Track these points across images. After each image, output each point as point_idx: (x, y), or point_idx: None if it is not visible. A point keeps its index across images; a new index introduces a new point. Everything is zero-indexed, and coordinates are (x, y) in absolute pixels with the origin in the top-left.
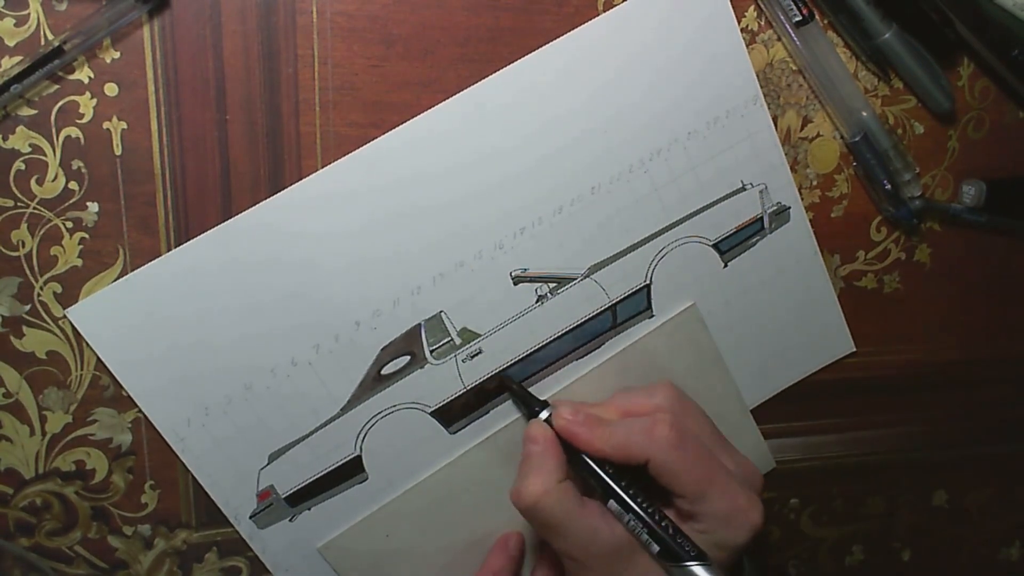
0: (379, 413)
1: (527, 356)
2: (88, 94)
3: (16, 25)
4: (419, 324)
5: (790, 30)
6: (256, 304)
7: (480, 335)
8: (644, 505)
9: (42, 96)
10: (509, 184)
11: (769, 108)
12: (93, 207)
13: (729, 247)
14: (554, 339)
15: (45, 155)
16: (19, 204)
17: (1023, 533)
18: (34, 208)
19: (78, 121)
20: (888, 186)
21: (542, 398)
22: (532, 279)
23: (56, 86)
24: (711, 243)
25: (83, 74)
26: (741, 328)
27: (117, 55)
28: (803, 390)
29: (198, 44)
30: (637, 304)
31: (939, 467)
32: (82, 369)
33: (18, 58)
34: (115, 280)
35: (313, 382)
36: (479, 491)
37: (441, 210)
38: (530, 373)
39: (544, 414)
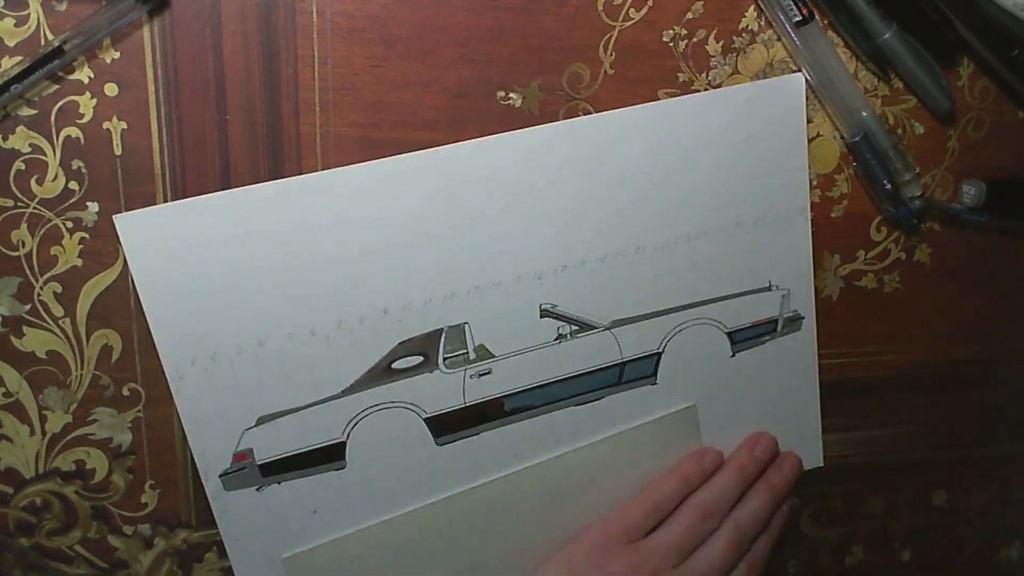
0: (376, 405)
1: (531, 389)
2: (88, 94)
3: (16, 25)
4: (442, 329)
5: (790, 30)
6: (297, 265)
7: (494, 356)
8: None
9: (42, 96)
10: (567, 220)
11: None
12: (93, 207)
13: (741, 339)
14: (560, 380)
15: (45, 155)
16: (19, 204)
17: (1023, 533)
18: (34, 208)
19: (78, 121)
20: (888, 186)
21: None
22: (558, 316)
23: (56, 86)
24: (726, 331)
25: (83, 74)
26: (729, 419)
27: (117, 55)
28: None
29: (198, 44)
30: (644, 369)
31: (939, 467)
32: (82, 369)
33: (18, 58)
34: (115, 279)
35: (324, 356)
36: (449, 542)
37: (498, 224)
38: (529, 406)
39: None
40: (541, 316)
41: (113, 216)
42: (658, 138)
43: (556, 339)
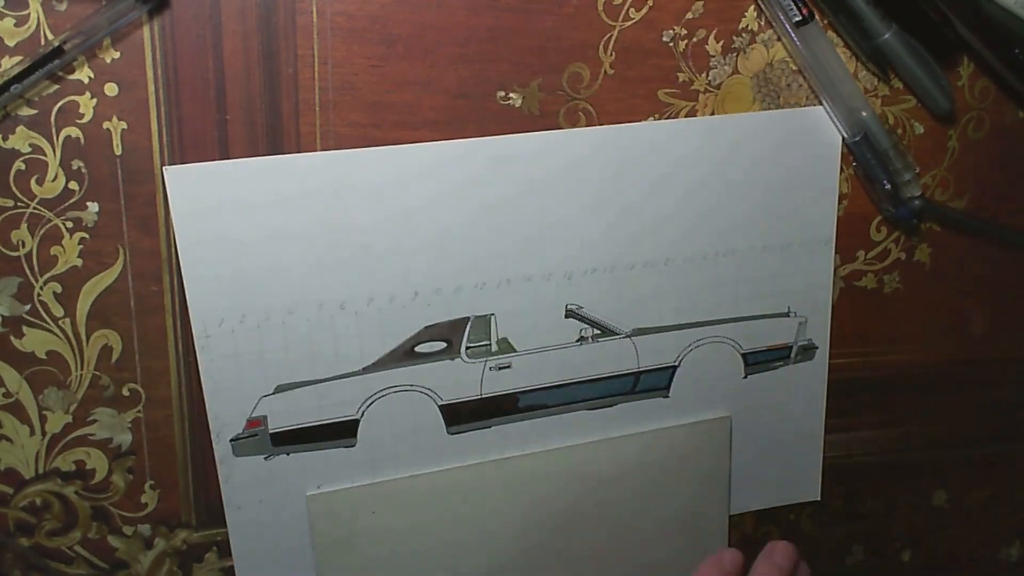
0: (394, 387)
1: (547, 388)
2: (88, 94)
3: (16, 25)
4: (468, 318)
5: (790, 30)
6: (336, 238)
7: (516, 351)
8: None
9: (42, 96)
10: (603, 225)
11: (769, 108)
12: (93, 207)
13: (755, 362)
14: (576, 382)
15: (45, 155)
16: (19, 204)
17: (1023, 533)
18: (34, 208)
19: (78, 121)
20: (888, 186)
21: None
22: (582, 318)
23: (56, 86)
24: (741, 352)
25: (83, 74)
26: (734, 441)
27: (117, 55)
28: None
29: (198, 44)
30: (659, 380)
31: (939, 467)
32: (82, 369)
33: (18, 58)
34: (115, 279)
35: (351, 332)
36: (474, 509)
37: (536, 220)
38: (543, 405)
39: None
40: (566, 316)
41: (164, 168)
42: (698, 153)
43: (578, 340)
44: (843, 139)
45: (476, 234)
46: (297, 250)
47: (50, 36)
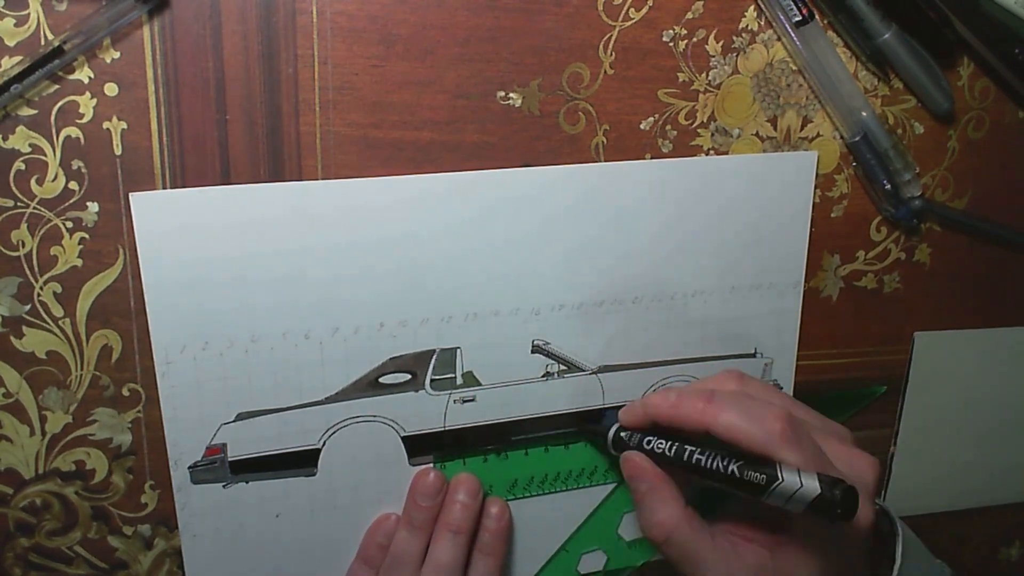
0: (357, 417)
1: (511, 422)
2: (88, 94)
3: (16, 25)
4: (434, 350)
5: (790, 30)
6: (302, 268)
7: (481, 385)
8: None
9: (42, 96)
10: (571, 261)
11: (769, 108)
12: (93, 207)
13: None
14: (541, 417)
15: (45, 155)
16: (19, 204)
17: (1023, 533)
18: (34, 208)
19: (78, 121)
20: (888, 186)
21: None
22: (548, 354)
23: (56, 86)
24: None
25: (83, 74)
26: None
27: (117, 55)
28: (802, 391)
29: (198, 44)
30: None
31: None
32: (82, 369)
33: (18, 58)
34: (115, 279)
35: (315, 361)
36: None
37: (504, 256)
38: (506, 440)
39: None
40: (532, 351)
41: (129, 193)
42: (669, 194)
43: (543, 376)
44: (843, 139)
45: (443, 267)
46: (262, 279)
47: (50, 36)
